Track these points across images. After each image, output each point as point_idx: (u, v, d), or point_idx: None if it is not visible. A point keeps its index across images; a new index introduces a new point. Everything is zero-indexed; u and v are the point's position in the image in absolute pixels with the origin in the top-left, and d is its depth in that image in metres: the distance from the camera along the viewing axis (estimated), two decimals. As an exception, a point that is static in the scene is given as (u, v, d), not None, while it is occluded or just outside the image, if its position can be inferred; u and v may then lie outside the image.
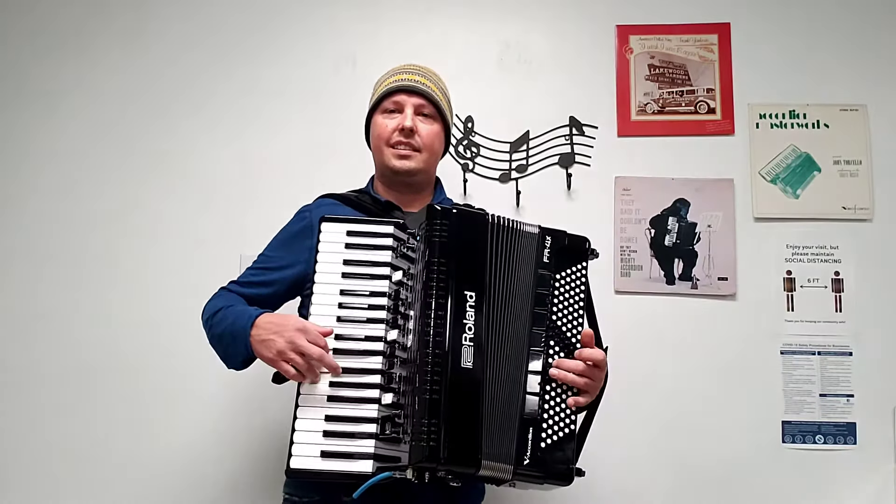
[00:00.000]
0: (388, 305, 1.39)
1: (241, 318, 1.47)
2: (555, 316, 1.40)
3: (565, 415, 1.36)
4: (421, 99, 1.64)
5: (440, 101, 1.66)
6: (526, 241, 1.42)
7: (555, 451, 1.33)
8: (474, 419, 1.28)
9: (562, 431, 1.34)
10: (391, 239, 1.42)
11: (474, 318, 1.32)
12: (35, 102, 2.26)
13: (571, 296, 1.42)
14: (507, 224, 1.41)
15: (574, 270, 1.43)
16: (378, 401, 1.33)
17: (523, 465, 1.31)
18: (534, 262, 1.41)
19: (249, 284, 1.61)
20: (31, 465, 2.08)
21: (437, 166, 1.74)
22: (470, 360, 1.30)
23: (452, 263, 1.33)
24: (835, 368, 2.06)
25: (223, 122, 2.22)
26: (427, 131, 1.63)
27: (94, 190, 2.21)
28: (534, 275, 1.40)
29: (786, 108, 2.17)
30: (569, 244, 1.44)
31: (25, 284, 2.17)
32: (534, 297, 1.39)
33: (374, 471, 1.29)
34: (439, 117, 1.66)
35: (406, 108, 1.63)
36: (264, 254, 1.65)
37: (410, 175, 1.63)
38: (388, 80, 1.68)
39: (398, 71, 1.69)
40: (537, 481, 1.33)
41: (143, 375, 2.10)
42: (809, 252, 2.11)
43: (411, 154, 1.62)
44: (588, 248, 1.45)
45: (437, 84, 1.69)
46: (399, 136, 1.61)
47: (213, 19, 2.27)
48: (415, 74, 1.66)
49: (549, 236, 1.43)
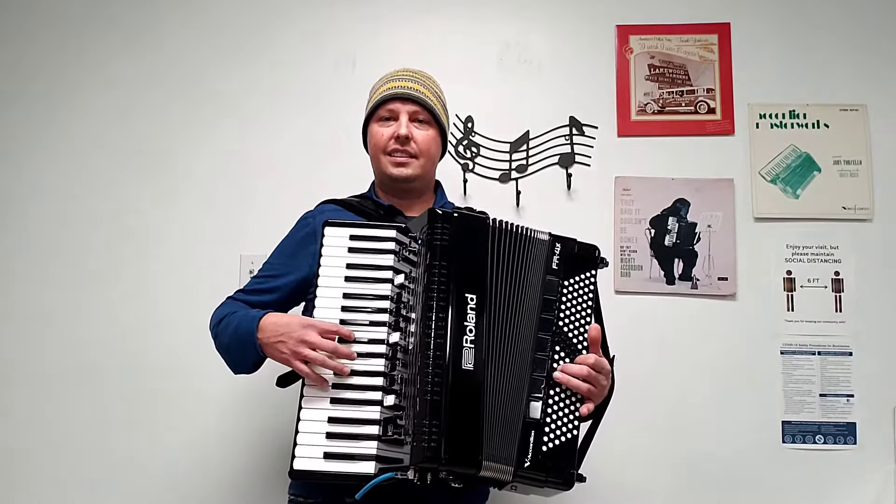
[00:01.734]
0: (390, 308, 1.39)
1: (245, 321, 1.47)
2: (561, 322, 1.40)
3: (568, 420, 1.36)
4: (415, 106, 1.63)
5: (435, 107, 1.66)
6: (534, 247, 1.42)
7: (556, 456, 1.33)
8: (475, 420, 1.28)
9: (564, 437, 1.34)
10: (393, 243, 1.43)
11: (475, 321, 1.32)
12: (36, 103, 2.26)
13: (579, 303, 1.42)
14: (511, 229, 1.42)
15: (583, 278, 1.43)
16: (380, 402, 1.34)
17: (524, 468, 1.31)
18: (542, 267, 1.41)
19: (254, 292, 1.62)
20: (36, 465, 2.08)
21: (437, 169, 1.74)
22: (471, 362, 1.30)
23: (453, 266, 1.34)
24: (835, 368, 2.06)
25: (224, 123, 2.22)
26: (423, 137, 1.63)
27: (95, 190, 2.21)
28: (542, 280, 1.41)
29: (786, 108, 2.17)
30: (578, 252, 1.44)
31: (27, 284, 2.17)
32: (541, 302, 1.40)
33: (376, 472, 1.30)
34: (435, 122, 1.66)
35: (401, 115, 1.63)
36: (268, 262, 1.66)
37: (408, 181, 1.64)
38: (383, 87, 1.68)
39: (392, 77, 1.69)
40: (537, 484, 1.33)
41: (146, 375, 2.10)
42: (809, 252, 2.11)
43: (408, 161, 1.63)
44: (598, 257, 1.46)
45: (431, 89, 1.69)
46: (395, 143, 1.62)
47: (215, 20, 2.28)
48: (408, 81, 1.66)
49: (559, 243, 1.43)
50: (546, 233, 1.45)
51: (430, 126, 1.65)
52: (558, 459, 1.33)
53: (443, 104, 1.72)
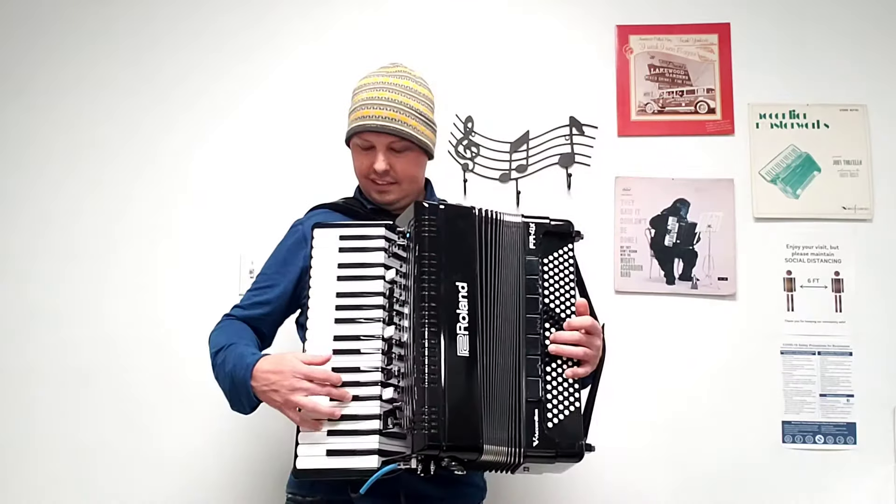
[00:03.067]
0: (384, 304, 1.41)
1: (239, 369, 1.44)
2: (547, 299, 1.42)
3: (569, 393, 1.38)
4: (391, 137, 1.57)
5: (413, 134, 1.58)
6: (511, 231, 1.44)
7: (563, 429, 1.35)
8: (473, 405, 1.30)
9: (567, 410, 1.36)
10: (382, 240, 1.45)
11: (468, 308, 1.35)
12: (31, 101, 2.26)
13: (561, 277, 1.44)
14: (491, 216, 1.44)
15: (561, 253, 1.46)
16: (379, 397, 1.35)
17: (533, 447, 1.32)
18: (521, 250, 1.44)
19: (252, 306, 1.61)
20: (30, 468, 2.08)
21: (433, 170, 1.73)
22: (466, 348, 1.32)
23: (442, 256, 1.36)
24: (835, 368, 2.06)
25: (223, 122, 2.22)
26: (402, 165, 1.59)
27: (93, 190, 2.21)
28: (522, 262, 1.43)
29: (786, 108, 2.17)
30: (553, 229, 1.47)
31: (27, 284, 2.17)
32: (525, 283, 1.42)
33: (379, 466, 1.31)
34: (414, 145, 1.60)
35: (377, 148, 1.58)
36: (262, 273, 1.66)
37: (391, 205, 1.63)
38: (358, 109, 1.59)
39: (366, 102, 1.58)
40: (548, 461, 1.34)
41: (145, 375, 2.10)
42: (809, 252, 2.11)
43: (388, 188, 1.61)
44: (572, 231, 1.48)
45: (408, 109, 1.58)
46: (374, 174, 1.60)
47: (214, 19, 2.27)
48: (382, 109, 1.56)
49: (533, 223, 1.46)
50: (518, 214, 1.46)
51: (409, 150, 1.60)
52: (565, 433, 1.34)
53: (425, 119, 1.62)
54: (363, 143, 1.60)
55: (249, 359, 1.44)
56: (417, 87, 1.63)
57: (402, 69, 1.67)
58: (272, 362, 1.41)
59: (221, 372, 1.50)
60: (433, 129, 1.67)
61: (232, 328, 1.58)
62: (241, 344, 1.51)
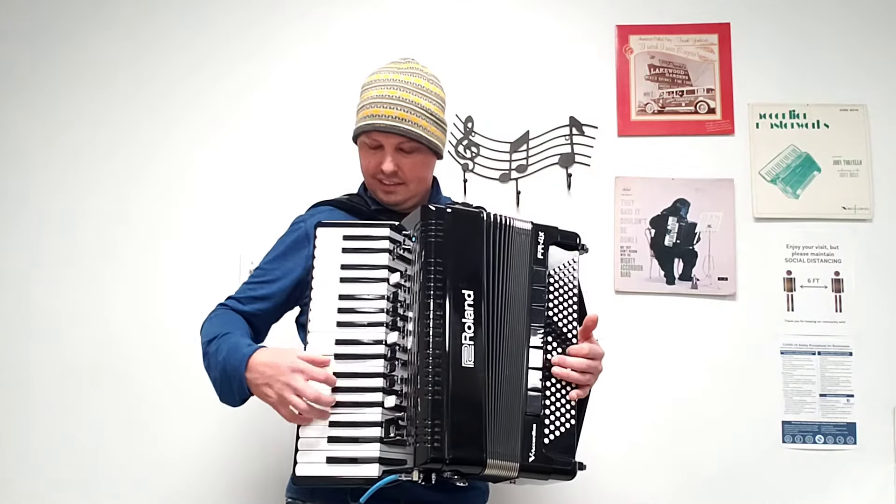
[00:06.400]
0: (387, 308, 1.37)
1: (234, 358, 1.40)
2: (551, 312, 1.40)
3: (566, 410, 1.36)
4: (400, 137, 1.54)
5: (422, 134, 1.55)
6: (520, 238, 1.41)
7: (558, 447, 1.33)
8: (478, 419, 1.28)
9: (563, 427, 1.35)
10: (387, 241, 1.40)
11: (473, 317, 1.32)
12: (31, 101, 2.26)
13: (565, 291, 1.42)
14: (501, 221, 1.41)
15: (567, 265, 1.44)
16: (381, 404, 1.32)
17: (528, 462, 1.31)
18: (528, 258, 1.41)
19: (247, 300, 1.57)
20: (30, 468, 2.08)
21: (435, 169, 1.71)
22: (471, 359, 1.29)
23: (449, 263, 1.32)
24: (835, 368, 2.06)
25: (223, 122, 2.22)
26: (410, 165, 1.56)
27: (93, 190, 2.21)
28: (529, 271, 1.40)
29: (786, 108, 2.17)
30: (561, 240, 1.45)
31: (26, 284, 2.17)
32: (530, 293, 1.39)
33: (380, 474, 1.29)
34: (424, 145, 1.57)
35: (385, 148, 1.55)
36: (260, 267, 1.62)
37: (398, 205, 1.61)
38: (367, 106, 1.56)
39: (374, 100, 1.55)
40: (541, 477, 1.33)
41: (144, 376, 2.10)
42: (809, 252, 2.11)
43: (396, 189, 1.59)
44: (579, 244, 1.46)
45: (418, 109, 1.55)
46: (381, 174, 1.57)
47: (215, 19, 2.27)
48: (392, 108, 1.53)
49: (542, 232, 1.43)
50: (528, 221, 1.44)
51: (418, 151, 1.57)
52: (560, 450, 1.33)
53: (435, 118, 1.59)
54: (371, 142, 1.57)
55: (245, 349, 1.39)
56: (429, 86, 1.60)
57: (414, 66, 1.62)
58: (269, 355, 1.37)
59: (213, 360, 1.45)
60: (443, 128, 1.64)
61: (227, 317, 1.54)
62: (237, 334, 1.47)
